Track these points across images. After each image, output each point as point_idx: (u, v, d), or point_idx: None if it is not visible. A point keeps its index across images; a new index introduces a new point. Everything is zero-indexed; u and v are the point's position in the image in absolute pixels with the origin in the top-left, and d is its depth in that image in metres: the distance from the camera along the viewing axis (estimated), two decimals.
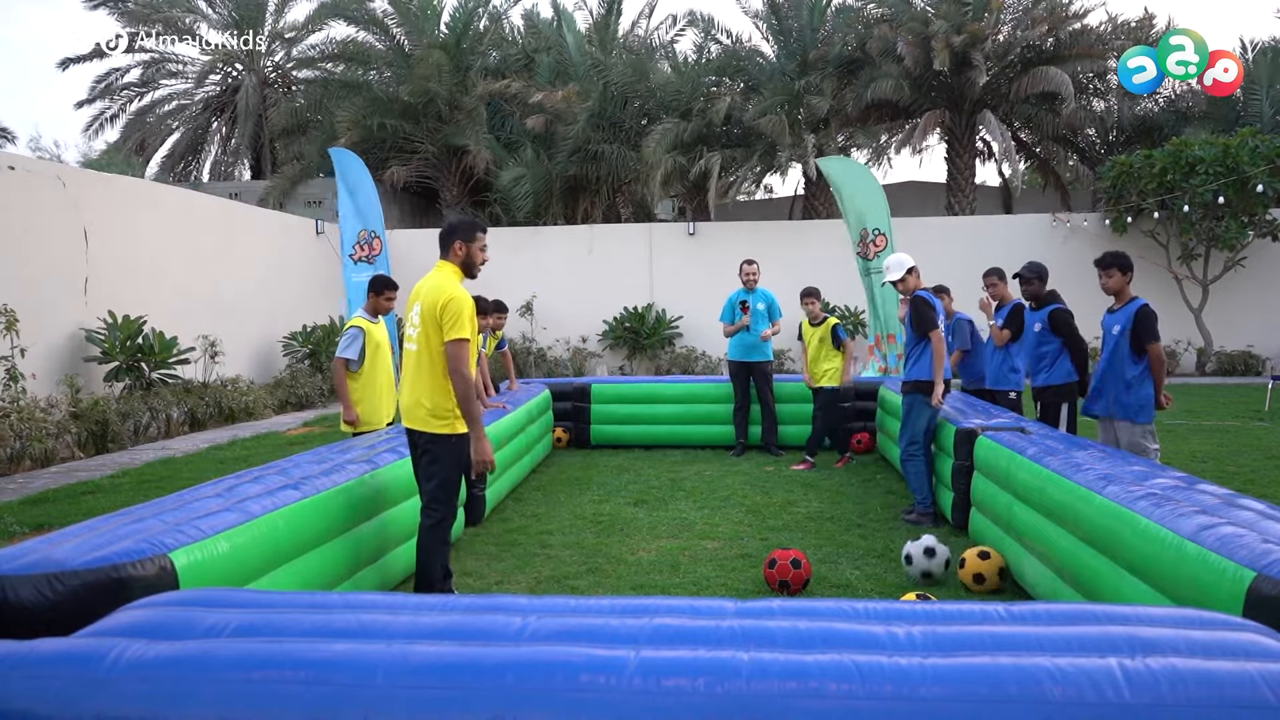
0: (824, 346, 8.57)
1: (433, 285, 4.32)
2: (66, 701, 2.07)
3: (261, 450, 9.76)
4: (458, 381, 4.21)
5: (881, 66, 19.38)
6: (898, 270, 6.70)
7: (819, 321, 8.68)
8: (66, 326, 10.70)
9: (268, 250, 15.68)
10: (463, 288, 4.35)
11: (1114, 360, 5.72)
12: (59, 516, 6.66)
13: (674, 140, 19.15)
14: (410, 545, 4.89)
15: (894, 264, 6.74)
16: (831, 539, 6.02)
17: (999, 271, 7.25)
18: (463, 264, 4.42)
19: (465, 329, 4.21)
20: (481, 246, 4.46)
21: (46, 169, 11.12)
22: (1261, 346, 17.39)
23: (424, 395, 4.34)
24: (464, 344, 4.22)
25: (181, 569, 3.06)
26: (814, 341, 8.65)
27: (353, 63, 22.59)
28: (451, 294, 4.23)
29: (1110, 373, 5.76)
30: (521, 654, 2.15)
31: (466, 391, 4.22)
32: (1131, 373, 5.64)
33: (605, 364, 18.44)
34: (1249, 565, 2.85)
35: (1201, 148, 16.04)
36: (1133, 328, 5.61)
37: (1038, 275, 6.63)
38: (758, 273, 9.32)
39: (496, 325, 8.18)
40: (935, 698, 1.98)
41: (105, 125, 24.95)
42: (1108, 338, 5.82)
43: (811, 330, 8.70)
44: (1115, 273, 5.76)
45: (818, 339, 8.63)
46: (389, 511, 4.84)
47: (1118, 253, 5.87)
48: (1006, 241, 17.36)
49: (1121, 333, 5.68)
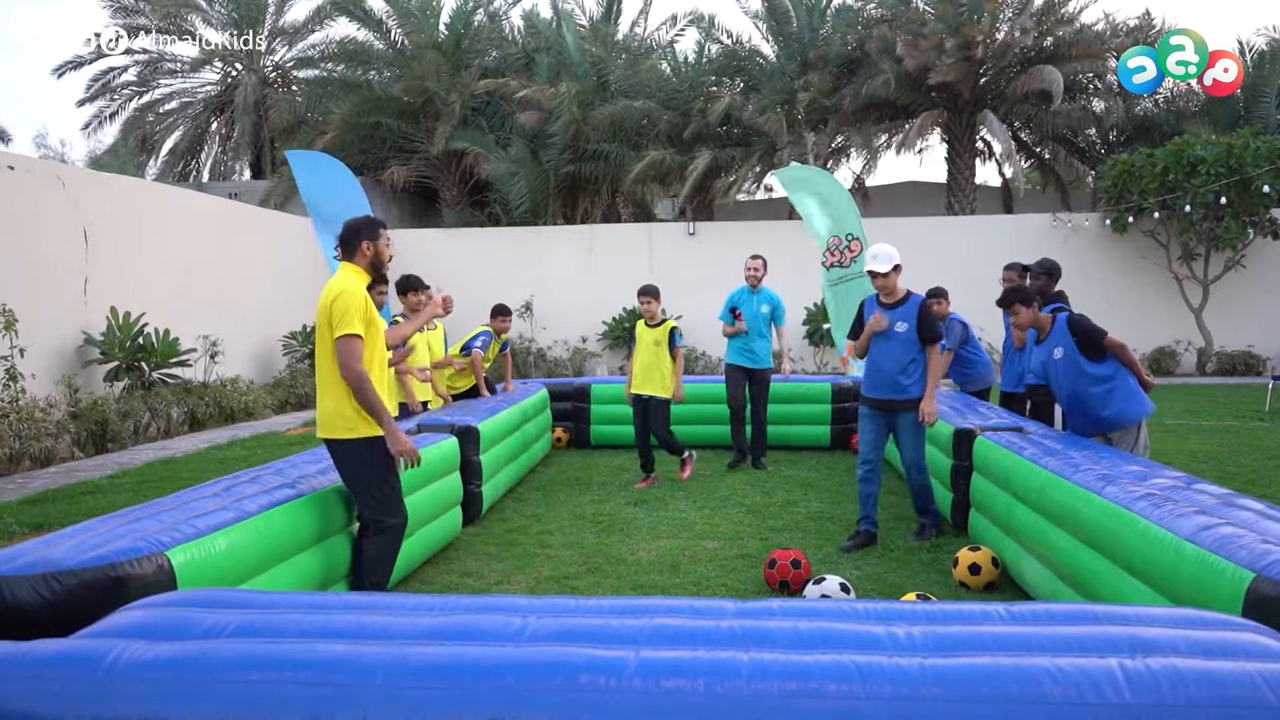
0: (660, 351, 7.68)
1: (327, 285, 4.17)
2: (66, 702, 2.07)
3: (261, 450, 9.76)
4: (350, 378, 4.02)
5: (880, 66, 19.38)
6: (886, 262, 5.76)
7: (657, 323, 7.78)
8: (66, 326, 10.70)
9: (268, 250, 15.68)
10: (357, 284, 4.15)
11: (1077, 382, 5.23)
12: (58, 516, 6.66)
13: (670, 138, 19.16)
14: (410, 545, 4.88)
15: (883, 255, 5.78)
16: (832, 539, 6.02)
17: (1018, 267, 7.14)
18: (370, 264, 4.26)
19: (355, 324, 4.02)
20: (385, 243, 4.29)
21: (46, 169, 11.11)
22: (1261, 346, 17.39)
23: (325, 398, 4.16)
24: (354, 339, 4.01)
25: (179, 567, 3.06)
26: (648, 344, 7.71)
27: (351, 62, 22.59)
28: (342, 289, 4.07)
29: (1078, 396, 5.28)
30: (521, 654, 2.14)
31: (360, 385, 4.02)
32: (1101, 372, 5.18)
33: (605, 364, 18.44)
34: (1248, 566, 2.85)
35: (1203, 147, 16.03)
36: (1077, 339, 5.22)
37: (1047, 272, 6.54)
38: (763, 270, 8.46)
39: (501, 329, 8.21)
40: (935, 698, 1.98)
41: (104, 124, 24.97)
42: (1052, 367, 5.36)
43: (647, 332, 7.76)
44: (1020, 308, 5.45)
45: (653, 341, 7.70)
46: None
47: (1016, 288, 5.66)
48: (1007, 241, 17.34)
49: (1067, 352, 5.25)
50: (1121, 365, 5.23)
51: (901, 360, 5.81)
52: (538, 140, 20.41)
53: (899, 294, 5.91)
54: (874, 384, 5.94)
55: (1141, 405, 5.27)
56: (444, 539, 5.72)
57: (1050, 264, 6.62)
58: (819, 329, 17.81)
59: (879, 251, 5.84)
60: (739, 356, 8.51)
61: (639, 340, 7.82)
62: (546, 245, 19.01)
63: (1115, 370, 5.22)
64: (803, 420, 9.53)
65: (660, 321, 7.81)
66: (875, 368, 5.93)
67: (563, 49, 21.13)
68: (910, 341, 5.80)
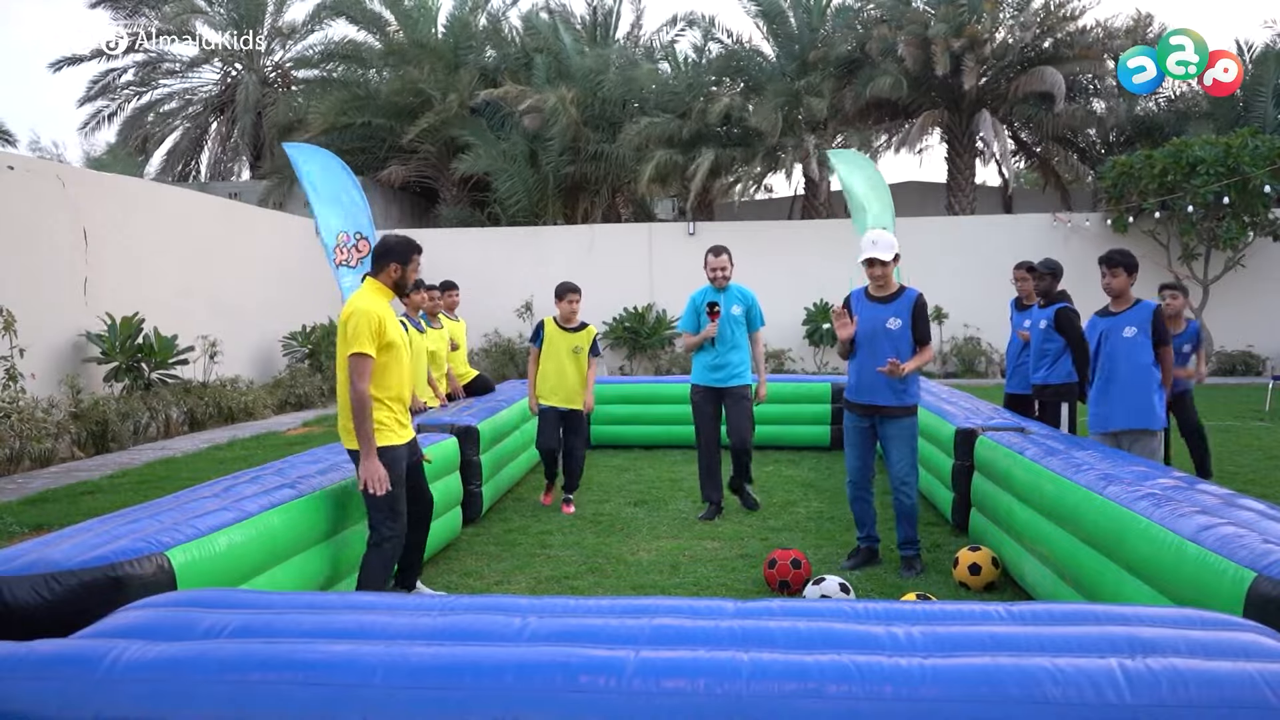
0: (580, 359, 6.77)
1: (347, 302, 4.30)
2: (66, 702, 2.07)
3: (261, 450, 9.75)
4: (351, 395, 4.11)
5: (881, 67, 19.38)
6: (888, 250, 5.18)
7: (579, 327, 6.82)
8: (66, 327, 10.70)
9: (268, 250, 15.68)
10: (375, 302, 4.23)
11: (1133, 365, 5.27)
12: (58, 517, 6.65)
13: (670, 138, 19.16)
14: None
15: (884, 242, 5.21)
16: (832, 539, 6.01)
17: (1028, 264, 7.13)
18: (395, 284, 4.37)
19: (364, 344, 4.10)
20: (415, 269, 4.43)
21: (46, 169, 11.11)
22: (1261, 346, 17.38)
23: (341, 411, 4.30)
24: (362, 359, 4.10)
25: (179, 567, 3.06)
26: (565, 350, 6.73)
27: (350, 62, 22.60)
28: (355, 307, 4.17)
29: (1129, 379, 5.28)
30: (521, 654, 2.14)
31: (360, 404, 4.09)
32: (1154, 378, 5.26)
33: (605, 364, 18.44)
34: (1249, 565, 2.85)
35: (1202, 148, 16.04)
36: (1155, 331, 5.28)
37: (1051, 272, 6.55)
38: (729, 266, 6.65)
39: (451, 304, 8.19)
40: (935, 698, 1.97)
41: (103, 124, 24.96)
42: (1117, 341, 5.37)
43: (565, 336, 6.76)
44: (1121, 273, 5.42)
45: (572, 348, 6.74)
46: None
47: (1126, 252, 5.52)
48: (1007, 241, 17.35)
49: (1139, 335, 5.30)
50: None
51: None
52: (537, 141, 20.42)
53: (893, 287, 5.30)
54: (863, 387, 5.26)
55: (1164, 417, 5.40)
56: (444, 539, 5.72)
57: (1053, 264, 6.64)
58: (819, 329, 17.81)
59: (879, 238, 5.23)
60: (707, 374, 6.59)
61: (552, 344, 6.76)
62: (546, 245, 19.01)
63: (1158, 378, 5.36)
64: (803, 420, 9.53)
65: (582, 325, 6.86)
66: (865, 369, 5.24)
67: (561, 50, 21.14)
68: (904, 340, 5.18)
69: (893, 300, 5.26)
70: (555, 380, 6.76)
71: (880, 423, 5.30)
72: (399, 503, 4.27)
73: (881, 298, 5.29)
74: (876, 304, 5.28)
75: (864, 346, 5.24)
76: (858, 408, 5.33)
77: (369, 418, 4.12)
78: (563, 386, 6.76)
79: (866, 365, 5.23)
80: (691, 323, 6.69)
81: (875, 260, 5.17)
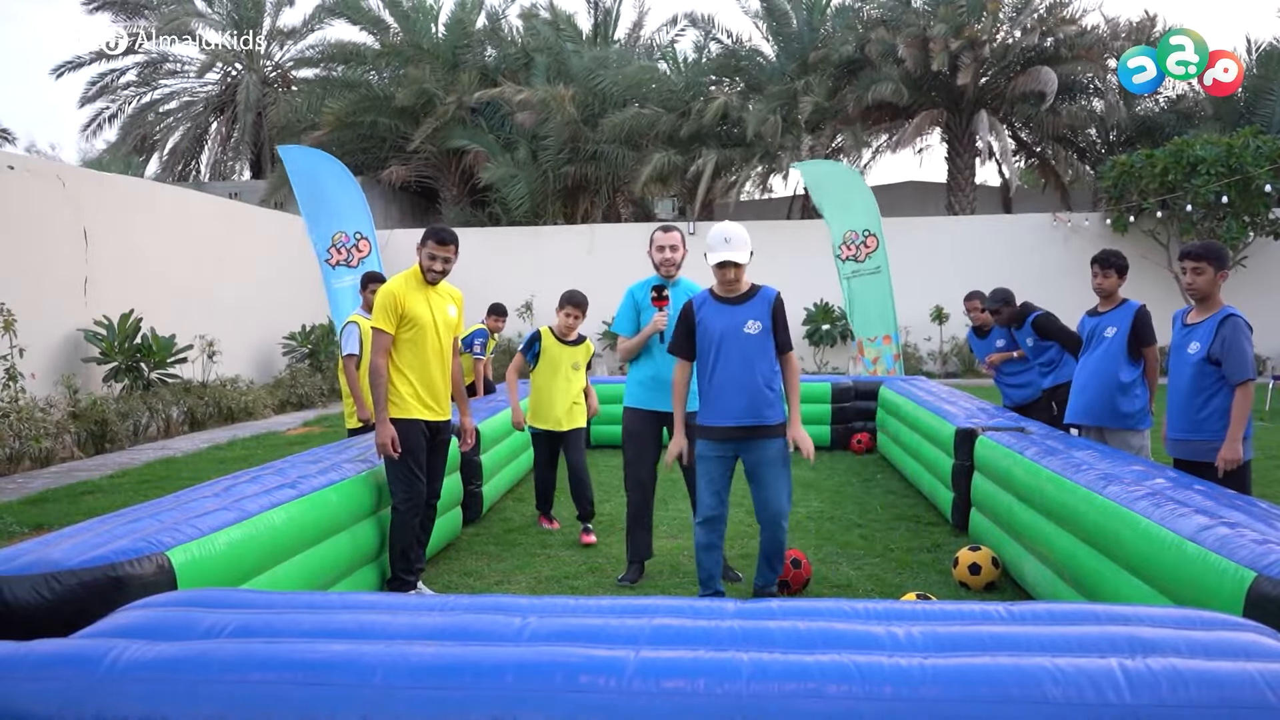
0: (579, 375, 6.23)
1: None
2: (66, 702, 2.07)
3: (261, 450, 9.75)
4: (370, 365, 4.61)
5: (881, 68, 19.39)
6: (743, 248, 4.31)
7: (578, 341, 6.27)
8: (66, 326, 10.70)
9: (267, 250, 15.68)
10: (399, 283, 4.67)
11: (1106, 364, 5.33)
12: (58, 516, 6.65)
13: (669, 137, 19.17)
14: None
15: (737, 239, 4.31)
16: (831, 539, 6.01)
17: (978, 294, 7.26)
18: (421, 267, 4.78)
19: (381, 320, 4.59)
20: (430, 255, 4.71)
21: (47, 169, 11.12)
22: (1262, 346, 17.36)
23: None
24: (379, 334, 4.59)
25: (179, 567, 3.06)
26: (565, 366, 6.15)
27: (350, 62, 22.61)
28: (383, 287, 4.69)
29: (1101, 377, 5.35)
30: (521, 654, 2.14)
31: (373, 376, 4.56)
32: (1129, 376, 5.32)
33: (605, 364, 18.44)
34: (1249, 565, 2.85)
35: (1203, 147, 16.04)
36: (1132, 330, 5.33)
37: (1005, 301, 6.71)
38: (682, 248, 5.24)
39: (495, 328, 8.33)
40: (935, 698, 1.97)
41: (104, 125, 24.99)
42: (1099, 340, 5.44)
43: (565, 351, 6.15)
44: (1113, 274, 5.50)
45: (571, 363, 6.17)
46: (387, 510, 4.84)
47: (1118, 253, 5.61)
48: (1007, 241, 17.37)
49: (1118, 335, 5.37)
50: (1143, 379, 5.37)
51: (763, 372, 4.31)
52: (537, 141, 20.42)
53: (745, 285, 4.41)
54: (722, 408, 4.30)
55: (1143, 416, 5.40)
56: (444, 539, 5.72)
57: (1005, 293, 6.78)
58: (819, 329, 17.81)
59: (732, 234, 4.32)
60: (648, 394, 5.11)
61: (549, 357, 6.15)
62: (546, 245, 19.01)
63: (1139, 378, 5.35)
64: (802, 420, 9.50)
65: (581, 339, 6.31)
66: (723, 385, 4.30)
67: (561, 49, 21.14)
68: (766, 347, 4.33)
69: (747, 301, 4.37)
70: (546, 401, 6.12)
71: (746, 449, 4.37)
72: (412, 473, 4.59)
73: (733, 299, 4.38)
74: (729, 305, 4.37)
75: (725, 356, 4.30)
76: (715, 432, 4.34)
77: (381, 385, 4.54)
78: (554, 408, 6.10)
79: (725, 381, 4.30)
80: (630, 323, 5.19)
81: (728, 263, 4.28)
